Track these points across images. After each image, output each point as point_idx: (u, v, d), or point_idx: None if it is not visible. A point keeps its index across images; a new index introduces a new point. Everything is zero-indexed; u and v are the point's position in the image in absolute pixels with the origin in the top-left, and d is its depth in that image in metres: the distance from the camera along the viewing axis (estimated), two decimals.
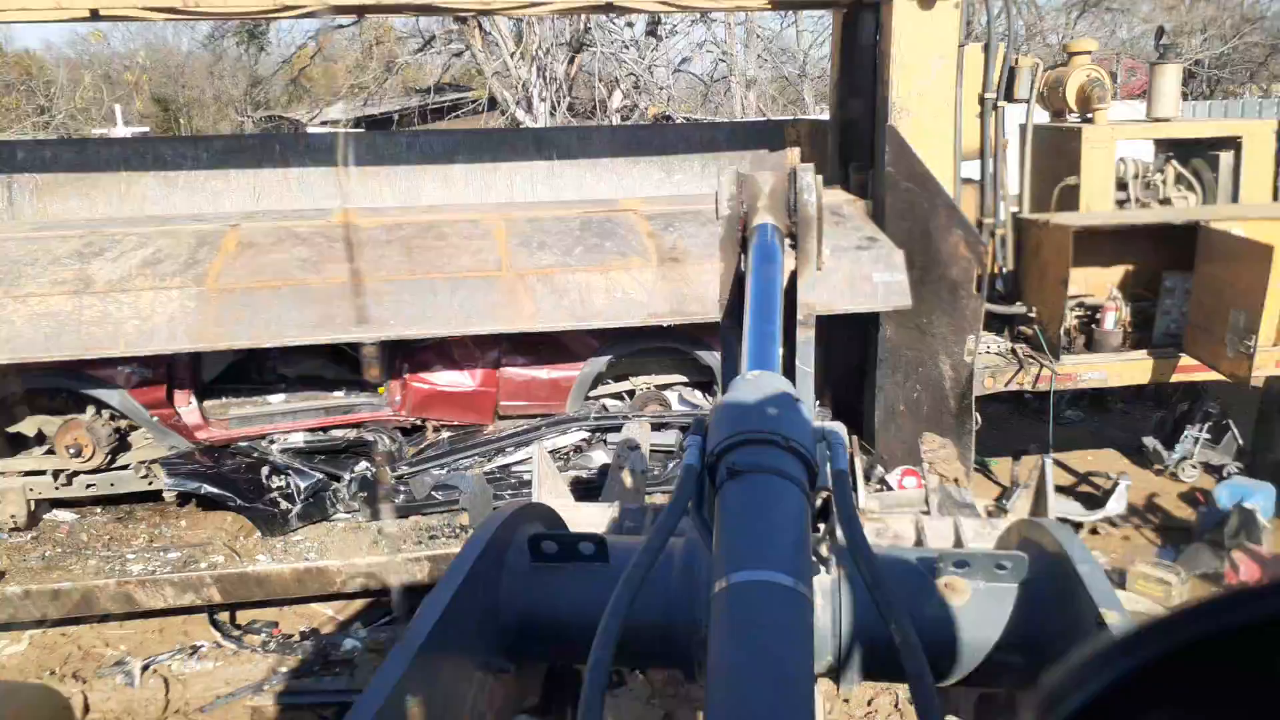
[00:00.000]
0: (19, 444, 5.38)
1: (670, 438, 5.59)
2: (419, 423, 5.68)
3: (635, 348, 5.65)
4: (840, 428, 1.20)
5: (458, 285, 4.83)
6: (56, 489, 5.29)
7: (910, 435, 5.56)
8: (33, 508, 5.30)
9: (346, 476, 5.25)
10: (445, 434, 5.61)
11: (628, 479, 3.25)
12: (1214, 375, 5.48)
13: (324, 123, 17.21)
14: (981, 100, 6.19)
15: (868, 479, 5.45)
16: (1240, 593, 0.42)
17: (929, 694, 0.86)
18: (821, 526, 1.20)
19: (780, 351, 1.49)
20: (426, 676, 1.05)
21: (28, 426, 5.34)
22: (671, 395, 5.91)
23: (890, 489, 5.34)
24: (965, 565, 1.20)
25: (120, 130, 19.27)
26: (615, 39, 14.49)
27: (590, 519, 2.33)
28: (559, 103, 14.40)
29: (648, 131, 9.81)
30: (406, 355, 5.51)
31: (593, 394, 5.82)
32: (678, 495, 1.07)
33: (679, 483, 1.09)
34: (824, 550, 1.24)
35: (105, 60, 26.29)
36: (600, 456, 5.64)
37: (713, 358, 5.64)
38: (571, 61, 14.61)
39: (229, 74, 24.87)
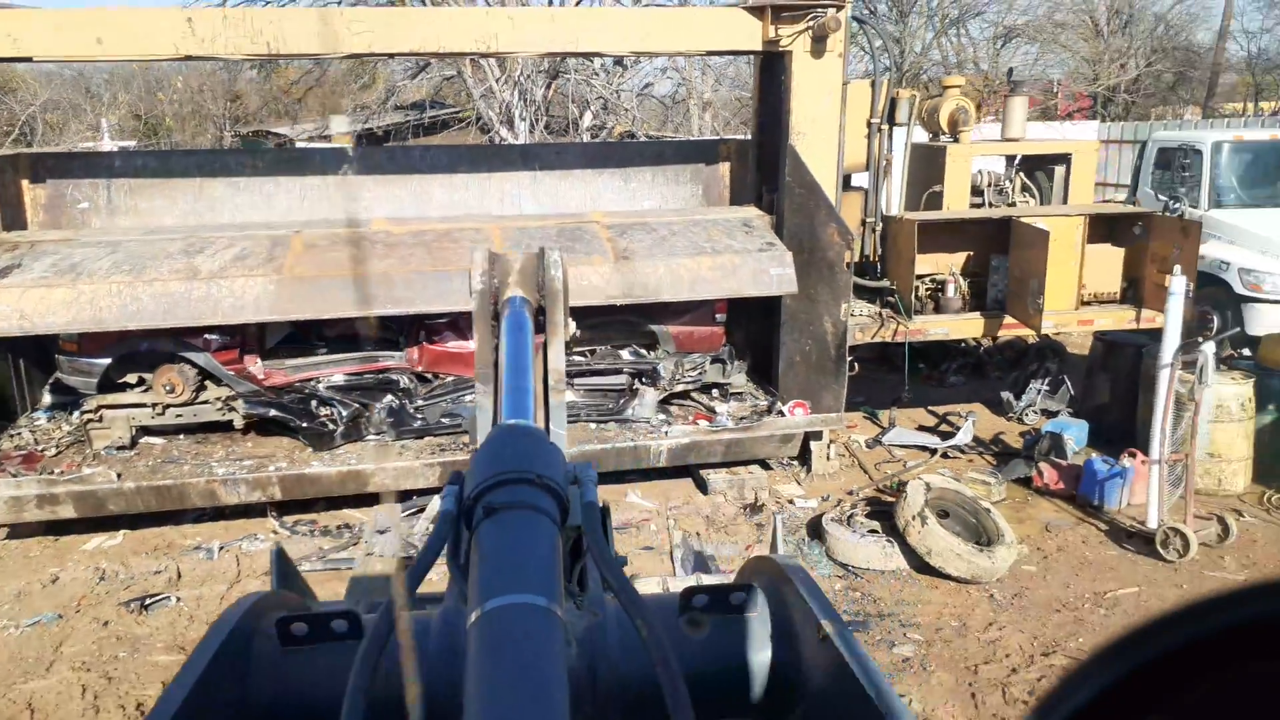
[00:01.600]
0: (122, 389, 7.01)
1: (623, 380, 7.35)
2: (430, 376, 7.38)
3: (595, 320, 7.36)
4: (591, 465, 1.22)
5: (465, 275, 6.48)
6: (152, 418, 6.87)
7: (803, 379, 7.32)
8: (134, 433, 6.91)
9: (377, 406, 6.94)
10: (450, 378, 7.33)
11: (378, 566, 3.06)
12: (1026, 330, 7.30)
13: (324, 137, 18.77)
14: (868, 124, 7.98)
15: (769, 411, 7.23)
16: (1234, 595, 0.42)
17: None
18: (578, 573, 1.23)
19: (533, 406, 1.52)
20: None
21: (131, 377, 6.96)
22: (625, 352, 7.65)
23: (785, 415, 7.12)
24: (702, 599, 1.20)
25: (107, 144, 19.89)
26: (587, 66, 16.15)
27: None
28: (537, 122, 16.09)
29: (610, 148, 11.37)
30: (422, 326, 7.17)
31: None
32: (429, 545, 1.04)
33: (432, 532, 1.08)
34: (577, 590, 1.25)
35: (86, 75, 27.26)
36: (568, 394, 7.36)
37: (656, 327, 7.40)
38: (549, 86, 16.30)
39: (208, 90, 26.19)
